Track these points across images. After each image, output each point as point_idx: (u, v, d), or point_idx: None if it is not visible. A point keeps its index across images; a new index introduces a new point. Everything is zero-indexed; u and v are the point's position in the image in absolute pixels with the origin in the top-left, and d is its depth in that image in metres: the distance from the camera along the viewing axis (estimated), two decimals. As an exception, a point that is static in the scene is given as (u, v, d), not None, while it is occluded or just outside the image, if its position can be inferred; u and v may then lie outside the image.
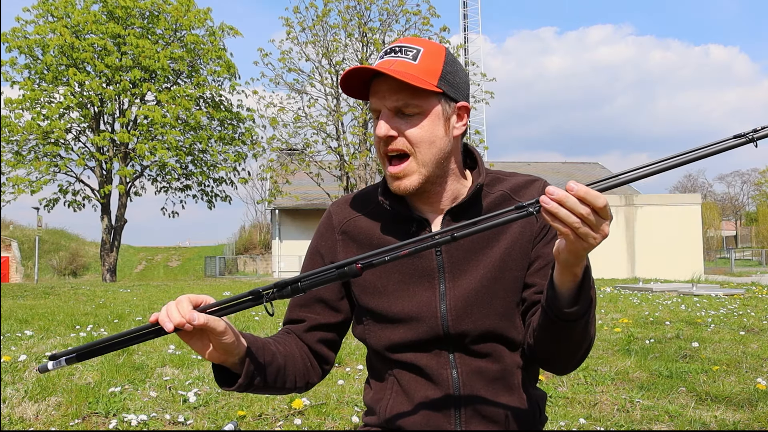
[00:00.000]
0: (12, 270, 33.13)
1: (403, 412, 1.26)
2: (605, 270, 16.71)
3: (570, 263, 0.98)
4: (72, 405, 2.87)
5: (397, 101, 1.16)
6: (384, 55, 1.19)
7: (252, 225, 41.81)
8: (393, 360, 1.28)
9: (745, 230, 47.60)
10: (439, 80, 1.16)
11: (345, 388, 3.27)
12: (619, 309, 6.85)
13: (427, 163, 1.19)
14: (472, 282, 1.22)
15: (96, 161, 20.42)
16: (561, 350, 1.14)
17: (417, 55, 1.16)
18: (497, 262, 1.23)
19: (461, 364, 1.23)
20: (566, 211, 0.88)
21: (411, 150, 1.18)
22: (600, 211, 0.89)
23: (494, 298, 1.22)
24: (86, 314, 6.63)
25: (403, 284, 1.25)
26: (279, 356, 1.21)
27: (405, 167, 1.19)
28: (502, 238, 1.24)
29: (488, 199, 1.27)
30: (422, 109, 1.16)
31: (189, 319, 0.97)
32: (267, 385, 1.18)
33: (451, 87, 1.18)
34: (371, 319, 1.29)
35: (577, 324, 1.06)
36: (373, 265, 0.95)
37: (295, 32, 19.08)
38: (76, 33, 19.47)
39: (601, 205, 0.88)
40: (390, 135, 1.17)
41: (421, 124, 1.17)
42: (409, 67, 1.15)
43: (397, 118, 1.17)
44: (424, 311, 1.23)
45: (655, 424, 2.72)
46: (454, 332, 1.22)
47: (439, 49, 1.20)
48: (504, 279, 1.23)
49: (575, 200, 0.88)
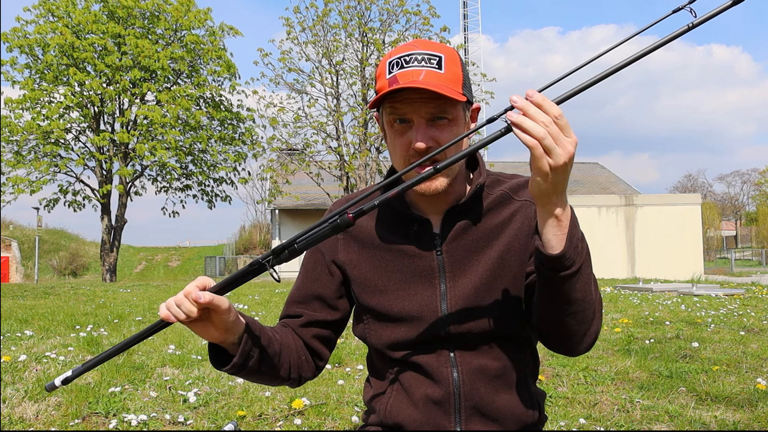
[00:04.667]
0: (12, 270, 33.13)
1: (403, 411, 1.27)
2: (605, 270, 16.71)
3: (546, 194, 0.96)
4: (72, 405, 2.86)
5: (431, 111, 1.17)
6: (405, 64, 1.16)
7: (252, 225, 41.81)
8: (393, 359, 1.28)
9: (745, 230, 47.60)
10: (462, 87, 1.18)
11: (345, 388, 3.27)
12: (619, 309, 6.85)
13: (454, 167, 1.21)
14: (472, 281, 1.23)
15: (96, 161, 20.41)
16: (564, 316, 1.09)
17: (441, 63, 1.17)
18: (497, 261, 1.23)
19: (461, 363, 1.24)
20: (530, 122, 0.91)
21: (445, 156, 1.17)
22: (558, 121, 0.92)
23: (495, 297, 1.23)
24: (86, 314, 6.63)
25: (404, 283, 1.26)
26: (275, 342, 1.22)
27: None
28: (502, 236, 1.25)
29: (489, 200, 1.28)
30: (453, 115, 1.18)
31: (195, 298, 1.01)
32: (261, 371, 1.19)
33: (469, 91, 1.22)
34: (372, 318, 1.30)
35: (572, 278, 1.02)
36: (363, 211, 0.98)
37: (296, 32, 19.08)
38: (77, 33, 19.47)
39: (557, 113, 0.92)
40: (428, 146, 1.17)
41: (453, 131, 1.19)
42: (438, 77, 1.15)
43: (430, 127, 1.18)
44: (425, 311, 1.24)
45: (655, 424, 2.72)
46: (455, 332, 1.23)
47: (455, 54, 1.20)
48: (504, 277, 1.23)
49: (535, 109, 0.92)
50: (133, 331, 5.29)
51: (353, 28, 18.96)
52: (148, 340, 4.63)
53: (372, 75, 18.98)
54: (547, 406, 2.95)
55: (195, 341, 4.64)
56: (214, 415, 2.83)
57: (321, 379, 3.44)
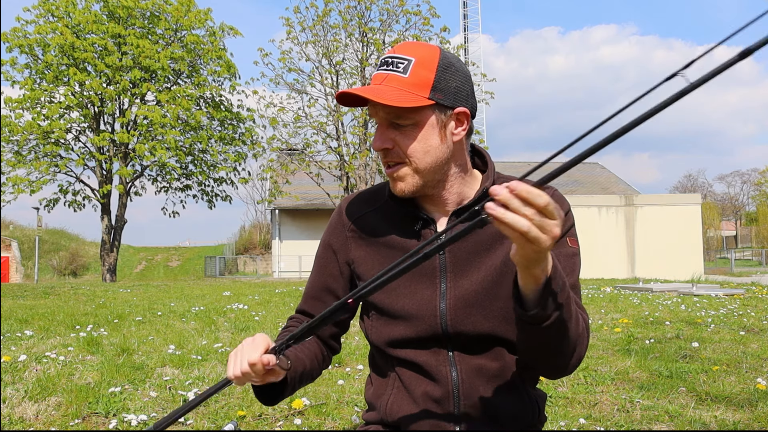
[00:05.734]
0: (12, 270, 33.13)
1: (403, 409, 1.28)
2: (605, 270, 16.72)
3: (527, 266, 0.96)
4: (72, 405, 2.87)
5: (389, 114, 1.18)
6: (379, 67, 1.20)
7: (252, 225, 41.82)
8: (394, 356, 1.30)
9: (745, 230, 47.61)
10: (432, 90, 1.16)
11: (345, 388, 3.27)
12: (619, 309, 6.85)
13: (421, 171, 1.20)
14: (473, 283, 1.23)
15: (96, 161, 20.42)
16: (540, 355, 1.14)
17: (408, 67, 1.16)
18: (499, 266, 1.23)
19: (460, 362, 1.24)
20: (512, 216, 0.85)
21: (406, 160, 1.20)
22: (544, 211, 0.86)
23: (495, 301, 1.23)
24: (86, 314, 6.63)
25: (407, 281, 1.26)
26: (308, 364, 1.31)
27: (399, 171, 1.21)
28: (506, 242, 1.24)
29: None
30: (415, 120, 1.17)
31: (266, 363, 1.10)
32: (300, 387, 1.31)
33: (445, 95, 1.17)
34: (375, 314, 1.32)
35: (547, 329, 1.04)
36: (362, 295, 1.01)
37: (296, 32, 19.09)
38: (77, 33, 19.48)
39: (543, 203, 0.85)
40: (384, 147, 1.20)
41: (414, 135, 1.18)
42: (400, 81, 1.15)
43: (391, 129, 1.19)
44: (424, 309, 1.24)
45: (655, 424, 2.72)
46: (453, 332, 1.24)
47: (432, 56, 1.18)
48: (505, 283, 1.22)
49: (519, 202, 0.85)
50: (133, 331, 5.29)
51: (353, 28, 18.97)
52: (148, 340, 4.63)
53: (372, 75, 18.98)
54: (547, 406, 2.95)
55: (195, 341, 4.64)
56: (214, 415, 2.83)
57: (321, 379, 3.44)
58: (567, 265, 1.24)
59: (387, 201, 1.31)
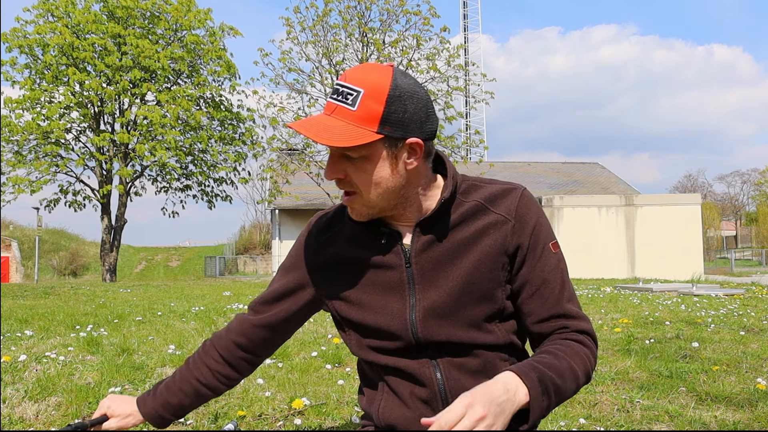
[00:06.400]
0: (12, 270, 33.14)
1: (395, 411, 1.30)
2: (605, 270, 16.72)
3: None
4: (72, 405, 2.86)
5: (335, 149, 1.18)
6: (331, 95, 1.18)
7: (252, 225, 41.86)
8: (378, 365, 1.32)
9: (745, 230, 47.61)
10: (380, 124, 1.13)
11: (345, 388, 3.27)
12: (619, 309, 6.85)
13: (372, 201, 1.20)
14: (441, 294, 1.24)
15: (96, 161, 20.42)
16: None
17: (356, 99, 1.13)
18: (466, 275, 1.23)
19: (442, 363, 1.27)
20: None
21: (357, 190, 1.20)
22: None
23: (463, 310, 1.24)
24: (86, 314, 6.63)
25: (377, 295, 1.27)
26: (194, 387, 1.44)
27: (352, 200, 1.22)
28: (473, 249, 1.24)
29: (462, 209, 1.26)
30: (363, 153, 1.16)
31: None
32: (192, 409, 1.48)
33: (395, 127, 1.14)
34: (351, 329, 1.35)
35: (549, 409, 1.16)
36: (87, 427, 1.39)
37: (296, 32, 19.07)
38: (77, 33, 19.47)
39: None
40: (337, 178, 1.20)
41: (365, 167, 1.17)
42: (348, 115, 1.14)
43: (343, 159, 1.18)
44: (395, 323, 1.26)
45: (655, 424, 2.72)
46: (425, 342, 1.25)
47: (383, 86, 1.13)
48: (473, 292, 1.24)
49: None
50: (133, 331, 5.29)
51: (353, 28, 18.96)
52: (148, 340, 4.63)
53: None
54: (547, 406, 2.95)
55: (195, 341, 4.64)
56: (214, 415, 2.83)
57: (321, 379, 3.45)
58: (555, 276, 1.27)
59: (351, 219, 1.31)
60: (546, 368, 1.15)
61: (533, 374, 1.12)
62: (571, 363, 1.20)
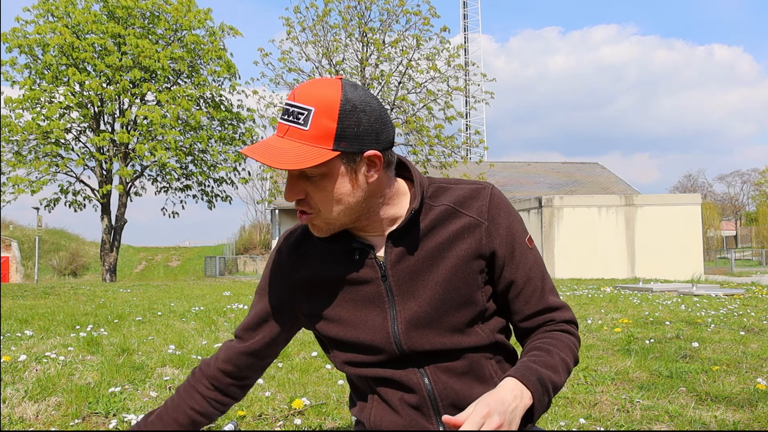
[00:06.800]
0: (12, 270, 33.14)
1: (386, 418, 1.30)
2: (605, 270, 16.72)
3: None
4: (72, 405, 2.86)
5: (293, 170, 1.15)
6: (281, 116, 1.16)
7: (252, 225, 41.88)
8: (365, 376, 1.32)
9: (745, 230, 47.63)
10: (335, 141, 1.11)
11: (345, 388, 3.27)
12: (619, 309, 6.85)
13: (334, 218, 1.19)
14: (421, 304, 1.24)
15: (96, 161, 20.42)
16: None
17: (308, 118, 1.10)
18: (444, 282, 1.23)
19: (428, 369, 1.26)
20: None
21: (317, 209, 1.18)
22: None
23: (445, 317, 1.24)
24: (86, 314, 6.63)
25: (357, 311, 1.27)
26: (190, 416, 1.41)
27: (312, 219, 1.20)
28: (448, 255, 1.24)
29: (431, 214, 1.26)
30: (322, 171, 1.14)
31: None
32: None
33: (350, 142, 1.12)
34: (332, 345, 1.34)
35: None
36: None
37: (296, 32, 19.09)
38: (77, 33, 19.47)
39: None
40: (297, 199, 1.18)
41: (324, 185, 1.15)
42: (301, 135, 1.11)
43: (302, 179, 1.16)
44: (378, 336, 1.25)
45: (655, 424, 2.72)
46: (410, 352, 1.25)
47: (333, 101, 1.11)
48: (453, 298, 1.24)
49: None
50: (133, 331, 5.29)
51: (353, 28, 18.96)
52: (148, 340, 4.63)
53: (372, 75, 18.99)
54: (547, 406, 2.95)
55: (195, 341, 4.64)
56: (214, 415, 2.82)
57: (321, 379, 3.45)
58: (536, 273, 1.29)
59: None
60: (542, 367, 1.20)
61: (533, 377, 1.16)
62: (562, 355, 1.26)
